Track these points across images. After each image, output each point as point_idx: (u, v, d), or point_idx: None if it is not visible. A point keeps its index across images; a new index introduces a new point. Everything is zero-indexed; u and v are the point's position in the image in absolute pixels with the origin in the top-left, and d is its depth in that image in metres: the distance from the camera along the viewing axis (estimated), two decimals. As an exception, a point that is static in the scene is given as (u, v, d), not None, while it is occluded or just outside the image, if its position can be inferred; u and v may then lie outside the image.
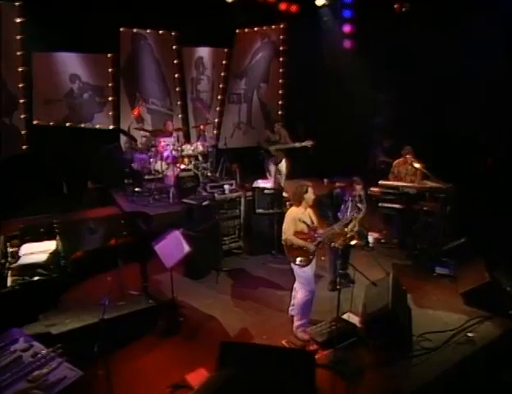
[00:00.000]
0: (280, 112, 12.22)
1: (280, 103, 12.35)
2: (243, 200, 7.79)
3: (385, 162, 9.41)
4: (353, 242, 5.82)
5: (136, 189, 9.04)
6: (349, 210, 6.14)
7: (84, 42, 9.08)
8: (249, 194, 8.01)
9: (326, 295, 5.96)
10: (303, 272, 5.25)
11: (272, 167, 9.02)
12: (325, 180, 10.16)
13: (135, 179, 9.15)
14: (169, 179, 8.88)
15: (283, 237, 5.23)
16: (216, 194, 7.49)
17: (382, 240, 8.15)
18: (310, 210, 5.41)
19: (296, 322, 5.39)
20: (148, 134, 9.39)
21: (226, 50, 11.60)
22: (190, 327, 5.50)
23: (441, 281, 6.73)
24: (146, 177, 9.13)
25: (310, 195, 5.31)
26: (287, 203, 7.36)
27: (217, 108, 11.82)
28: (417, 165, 7.62)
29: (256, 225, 7.76)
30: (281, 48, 12.10)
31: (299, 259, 5.13)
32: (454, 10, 8.38)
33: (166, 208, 8.37)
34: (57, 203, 7.88)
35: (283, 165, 9.08)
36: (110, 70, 10.10)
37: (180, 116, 11.19)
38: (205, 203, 6.96)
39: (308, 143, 8.51)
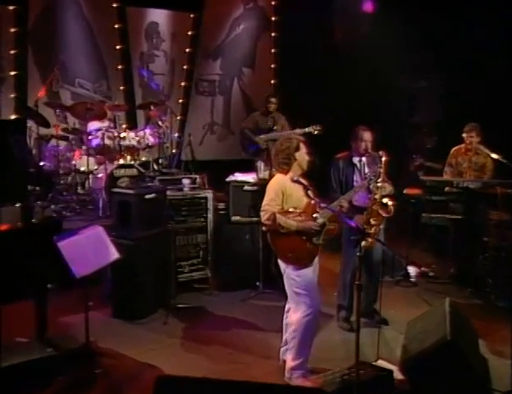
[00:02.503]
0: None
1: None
2: (211, 204, 7.36)
3: (423, 166, 9.54)
4: (390, 203, 5.56)
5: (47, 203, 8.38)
6: (366, 171, 5.97)
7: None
8: (222, 205, 7.66)
9: (339, 338, 5.91)
10: (297, 277, 4.85)
11: (264, 167, 8.44)
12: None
13: (45, 185, 8.56)
14: (99, 183, 8.24)
15: (262, 216, 4.89)
16: (169, 192, 7.00)
17: (431, 274, 7.92)
18: (305, 181, 5.12)
19: (290, 363, 4.92)
20: (67, 113, 9.07)
21: (192, 16, 11.47)
22: (113, 382, 5.06)
23: (528, 325, 6.40)
24: (62, 182, 8.70)
25: (303, 155, 5.04)
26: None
27: (180, 100, 11.59)
28: (494, 155, 7.12)
29: (231, 241, 7.44)
30: (272, 19, 12.11)
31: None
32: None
33: (92, 221, 7.56)
34: None
35: None
36: (12, 30, 9.60)
37: (123, 106, 10.85)
38: (150, 196, 6.39)
39: (313, 128, 8.22)
